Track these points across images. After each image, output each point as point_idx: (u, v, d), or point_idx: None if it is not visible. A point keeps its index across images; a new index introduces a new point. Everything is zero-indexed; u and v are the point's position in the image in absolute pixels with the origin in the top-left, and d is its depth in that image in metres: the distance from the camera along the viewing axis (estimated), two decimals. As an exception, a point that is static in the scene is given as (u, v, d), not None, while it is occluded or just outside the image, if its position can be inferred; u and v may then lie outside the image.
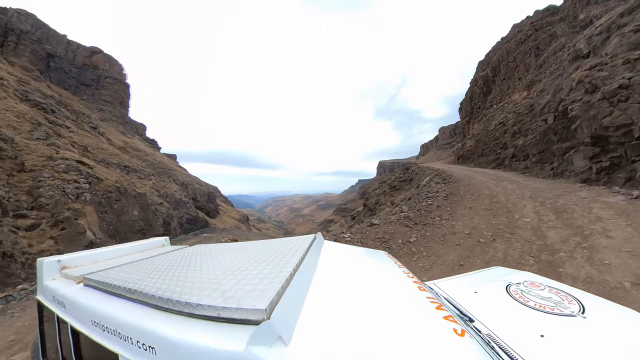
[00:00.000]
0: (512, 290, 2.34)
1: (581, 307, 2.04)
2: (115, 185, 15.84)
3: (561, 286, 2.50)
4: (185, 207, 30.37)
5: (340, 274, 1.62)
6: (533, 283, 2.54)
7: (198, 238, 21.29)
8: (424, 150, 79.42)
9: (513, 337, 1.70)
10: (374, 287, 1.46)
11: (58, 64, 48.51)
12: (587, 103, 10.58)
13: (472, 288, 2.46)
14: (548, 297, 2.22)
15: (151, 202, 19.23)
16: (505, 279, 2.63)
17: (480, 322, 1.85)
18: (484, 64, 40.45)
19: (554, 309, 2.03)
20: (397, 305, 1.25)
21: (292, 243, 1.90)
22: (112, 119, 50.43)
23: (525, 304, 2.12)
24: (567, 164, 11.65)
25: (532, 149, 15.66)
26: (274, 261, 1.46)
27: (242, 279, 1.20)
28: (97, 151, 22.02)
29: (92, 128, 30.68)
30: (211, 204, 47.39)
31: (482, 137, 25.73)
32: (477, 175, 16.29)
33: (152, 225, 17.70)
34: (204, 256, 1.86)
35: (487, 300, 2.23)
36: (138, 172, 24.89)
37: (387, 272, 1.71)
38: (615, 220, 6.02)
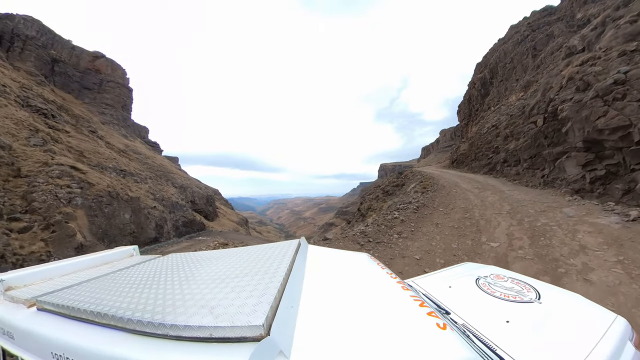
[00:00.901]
0: (480, 283, 2.58)
1: (538, 294, 2.31)
2: (107, 190, 16.26)
3: (521, 277, 2.76)
4: (181, 211, 30.76)
5: (327, 279, 1.61)
6: (498, 276, 2.79)
7: (191, 241, 21.64)
8: (425, 153, 79.17)
9: (483, 325, 1.90)
10: (361, 290, 1.49)
11: (62, 69, 49.59)
12: (578, 102, 9.40)
13: (446, 283, 2.67)
14: (511, 287, 2.48)
15: (144, 206, 19.62)
16: (474, 273, 2.87)
17: (455, 314, 2.05)
18: (481, 66, 40.22)
19: (516, 297, 2.28)
20: (385, 305, 1.29)
21: (278, 249, 1.83)
22: (114, 122, 51.33)
23: (492, 294, 2.35)
24: (558, 171, 10.60)
25: (524, 154, 14.72)
26: (261, 270, 1.39)
27: (230, 292, 1.12)
28: (94, 155, 22.54)
29: (91, 132, 31.33)
30: (210, 207, 47.85)
31: (475, 140, 25.00)
32: (463, 182, 15.68)
33: (143, 229, 18.04)
34: (181, 267, 1.69)
35: (460, 293, 2.45)
36: (134, 175, 25.37)
37: (371, 274, 1.75)
38: (602, 252, 4.90)
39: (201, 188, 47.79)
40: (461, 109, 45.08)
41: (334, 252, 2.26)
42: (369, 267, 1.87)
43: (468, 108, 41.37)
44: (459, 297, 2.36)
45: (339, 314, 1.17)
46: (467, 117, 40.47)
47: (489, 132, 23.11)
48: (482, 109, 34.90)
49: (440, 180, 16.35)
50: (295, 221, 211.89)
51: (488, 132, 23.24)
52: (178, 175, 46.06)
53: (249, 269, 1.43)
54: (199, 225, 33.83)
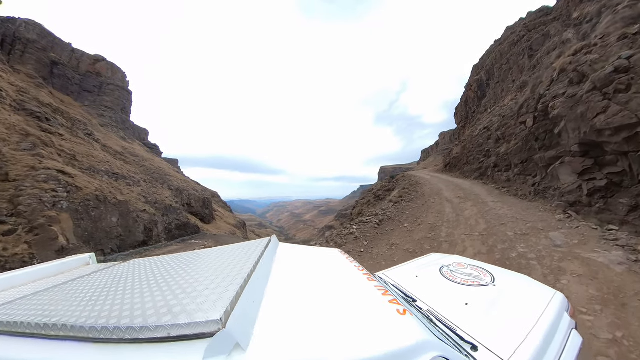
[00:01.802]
0: (444, 272, 2.82)
1: (492, 278, 2.58)
2: (95, 194, 16.33)
3: (479, 264, 3.05)
4: (175, 213, 30.80)
5: (295, 274, 1.66)
6: (460, 264, 3.05)
7: (181, 245, 21.64)
8: (425, 155, 78.97)
9: (446, 309, 2.08)
10: (327, 282, 1.56)
11: (62, 71, 50.11)
12: (572, 97, 8.04)
13: (414, 273, 2.88)
14: (470, 273, 2.73)
15: (133, 209, 19.67)
16: (439, 263, 3.10)
17: (421, 301, 2.22)
18: (478, 68, 39.90)
19: (474, 282, 2.52)
20: (350, 295, 1.37)
21: (247, 248, 1.85)
22: (113, 124, 51.72)
23: (454, 281, 2.59)
24: (551, 179, 9.36)
25: (514, 158, 13.42)
26: (227, 268, 1.36)
27: (192, 292, 1.09)
28: (86, 159, 22.67)
29: (87, 135, 31.54)
30: (206, 209, 47.91)
31: (467, 143, 23.96)
32: (447, 189, 14.49)
33: (131, 232, 18.07)
34: (143, 272, 1.62)
35: (426, 282, 2.65)
36: (127, 178, 25.46)
37: (339, 268, 1.83)
38: (593, 316, 3.29)
39: (198, 191, 47.88)
40: (458, 111, 44.73)
41: (306, 249, 2.37)
42: (338, 262, 1.96)
43: (465, 110, 40.99)
44: (425, 285, 2.56)
45: (303, 305, 1.20)
46: (464, 119, 40.13)
47: (480, 134, 22.06)
48: (478, 110, 34.59)
49: (424, 187, 15.66)
50: (295, 224, 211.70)
51: (480, 134, 22.20)
52: (175, 178, 46.22)
53: (215, 268, 1.40)
54: (193, 228, 33.84)
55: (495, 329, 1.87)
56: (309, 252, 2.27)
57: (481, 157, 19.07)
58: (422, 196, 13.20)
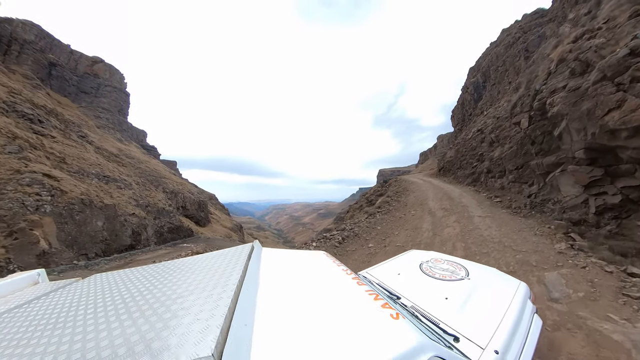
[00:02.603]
0: (423, 268, 2.91)
1: (467, 272, 2.71)
2: (80, 197, 16.11)
3: (454, 259, 3.19)
4: (168, 217, 30.54)
5: (285, 283, 1.59)
6: (437, 259, 3.18)
7: (171, 249, 21.32)
8: (423, 158, 78.92)
9: (428, 304, 2.16)
10: (320, 291, 1.52)
11: (59, 72, 50.14)
12: (575, 91, 6.59)
13: (396, 271, 2.96)
14: (447, 268, 2.86)
15: (121, 213, 19.43)
16: (418, 260, 3.20)
17: (405, 298, 2.29)
18: (474, 70, 39.81)
19: (451, 276, 2.64)
20: (344, 303, 1.35)
21: (228, 257, 1.69)
22: (109, 125, 51.66)
23: (433, 276, 2.68)
24: (550, 189, 7.93)
25: (509, 164, 12.35)
26: (209, 284, 1.21)
27: (171, 318, 0.93)
28: (77, 161, 22.46)
29: (80, 137, 31.38)
30: (201, 212, 47.62)
31: (461, 147, 23.15)
32: (433, 198, 13.13)
33: (118, 236, 17.82)
34: (108, 292, 1.35)
35: (408, 279, 2.74)
36: (119, 181, 25.23)
37: (329, 273, 1.81)
38: None
39: (193, 193, 47.63)
40: (455, 114, 44.50)
41: (291, 253, 2.31)
42: (325, 266, 1.96)
43: (462, 113, 40.79)
44: (407, 282, 2.64)
45: (298, 320, 1.16)
46: (461, 122, 39.92)
47: (474, 137, 21.06)
48: (474, 113, 34.40)
49: (410, 195, 14.73)
50: (294, 226, 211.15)
51: (473, 137, 21.26)
52: (170, 180, 45.99)
53: (194, 285, 1.25)
54: (186, 231, 33.57)
55: (473, 319, 2.00)
56: (295, 257, 2.22)
57: (474, 162, 18.19)
58: (404, 206, 12.27)
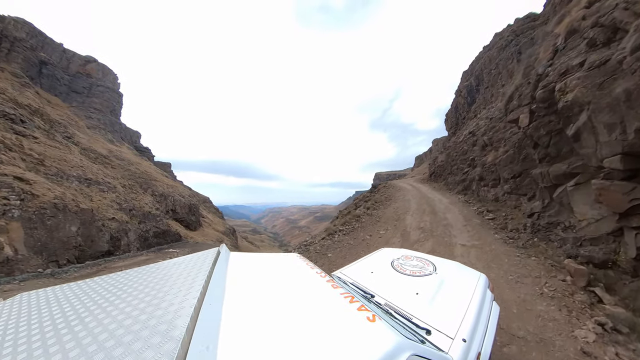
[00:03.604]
0: (395, 265, 3.02)
1: (434, 267, 2.85)
2: (53, 202, 15.42)
3: (423, 255, 3.32)
4: (154, 221, 29.76)
5: (255, 290, 1.52)
6: (407, 256, 3.27)
7: (153, 255, 20.56)
8: (419, 162, 79.12)
9: (401, 300, 2.23)
10: (294, 296, 1.49)
11: (50, 71, 49.44)
12: (600, 68, 4.59)
13: (369, 269, 3.05)
14: (416, 264, 2.99)
15: (99, 217, 18.70)
16: (389, 257, 3.31)
17: (379, 296, 2.34)
18: (467, 74, 39.65)
19: (420, 272, 2.75)
20: (319, 308, 1.34)
21: (191, 265, 1.60)
22: (101, 126, 50.86)
23: (404, 273, 2.80)
24: (559, 209, 5.79)
25: (504, 171, 10.86)
26: (167, 295, 1.13)
27: (125, 335, 0.85)
28: (57, 163, 21.73)
29: (65, 138, 30.63)
30: (192, 216, 46.73)
31: (452, 150, 21.66)
32: (416, 211, 11.39)
33: (94, 242, 17.09)
34: (36, 318, 1.16)
35: (380, 277, 2.82)
36: (101, 184, 24.48)
37: (302, 276, 1.81)
38: None
39: (184, 196, 46.80)
40: (449, 117, 44.45)
41: (262, 257, 2.26)
42: (298, 269, 1.95)
43: (455, 117, 40.56)
44: (380, 280, 2.73)
45: (271, 329, 1.11)
46: (455, 125, 39.79)
47: (465, 140, 19.58)
48: (468, 117, 34.31)
49: (390, 206, 13.51)
50: (290, 230, 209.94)
51: (464, 140, 19.71)
52: (161, 183, 45.18)
53: (147, 301, 1.13)
54: (173, 235, 32.73)
55: (442, 312, 2.11)
56: (266, 260, 2.15)
57: (465, 167, 17.02)
58: (375, 223, 10.56)
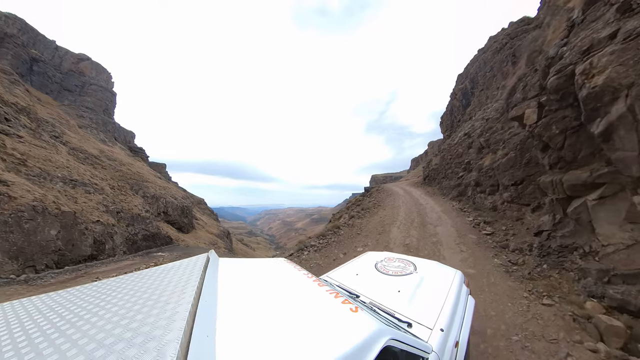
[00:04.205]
0: (378, 267, 3.29)
1: (415, 267, 3.26)
2: (32, 204, 14.73)
3: (404, 256, 3.57)
4: (143, 223, 28.98)
5: (246, 291, 1.56)
6: (390, 258, 3.50)
7: (138, 259, 19.85)
8: (415, 164, 79.40)
9: (384, 298, 2.58)
10: (282, 294, 1.62)
11: (42, 69, 48.48)
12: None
13: (354, 272, 3.23)
14: (398, 265, 3.32)
15: (82, 220, 17.98)
16: (373, 260, 3.49)
17: (364, 296, 2.65)
18: (462, 77, 39.90)
19: (402, 272, 3.13)
20: (307, 304, 1.49)
21: (182, 270, 1.59)
22: (92, 126, 49.86)
23: (387, 273, 3.13)
24: (575, 228, 4.76)
25: (503, 176, 9.68)
26: (160, 301, 1.10)
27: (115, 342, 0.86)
28: (41, 163, 20.98)
29: (53, 137, 29.81)
30: (185, 218, 45.83)
31: (446, 153, 20.75)
32: (403, 222, 10.28)
33: (75, 246, 16.36)
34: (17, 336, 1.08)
35: (365, 278, 3.07)
36: (88, 185, 23.72)
37: (290, 278, 1.94)
38: None
39: (177, 198, 45.91)
40: (444, 120, 44.61)
41: (250, 262, 2.31)
42: (286, 272, 2.10)
43: (450, 119, 40.69)
44: (365, 281, 3.00)
45: (263, 323, 1.22)
46: (450, 128, 39.89)
47: (460, 142, 18.50)
48: (463, 119, 34.41)
49: (377, 214, 12.52)
50: (287, 232, 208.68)
51: (459, 142, 18.63)
52: (153, 184, 44.28)
53: (136, 309, 1.08)
54: (164, 238, 31.92)
55: (421, 306, 2.43)
56: (254, 265, 2.19)
57: (460, 171, 16.12)
58: (355, 236, 9.13)
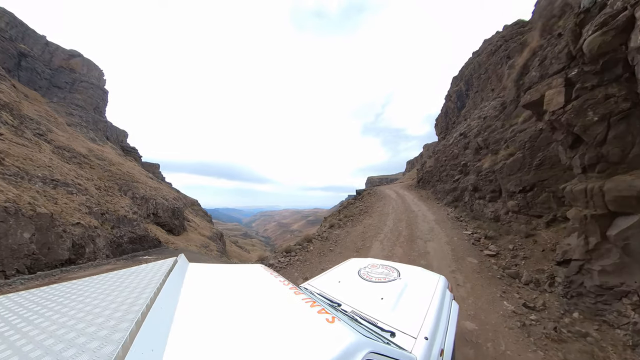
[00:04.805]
0: (362, 274, 3.34)
1: (398, 273, 3.25)
2: (3, 205, 13.79)
3: (388, 263, 3.73)
4: (130, 225, 27.94)
5: (215, 299, 1.51)
6: (373, 265, 3.67)
7: (120, 263, 18.90)
8: (410, 166, 79.69)
9: (367, 306, 2.47)
10: (254, 303, 1.52)
11: (30, 64, 47.15)
12: None
13: (336, 279, 3.27)
14: (381, 272, 3.37)
15: (60, 223, 17.01)
16: (357, 266, 3.63)
17: (345, 304, 2.53)
18: (457, 79, 40.10)
19: (385, 278, 3.11)
20: (279, 312, 1.40)
21: (142, 275, 1.53)
22: (82, 124, 48.56)
23: (370, 280, 3.11)
24: (622, 260, 3.79)
25: (509, 181, 8.09)
26: (112, 304, 1.11)
27: (56, 344, 0.89)
28: (20, 162, 19.96)
29: (37, 135, 28.68)
30: (176, 220, 44.69)
31: (441, 155, 19.42)
32: (388, 235, 9.24)
33: (51, 250, 15.40)
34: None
35: (348, 285, 3.06)
36: (70, 186, 22.69)
37: (264, 285, 1.83)
38: None
39: (168, 199, 44.78)
40: (439, 122, 44.76)
41: (224, 268, 2.27)
42: (262, 278, 2.01)
43: (445, 121, 40.66)
44: (347, 289, 2.94)
45: (228, 334, 1.13)
46: (445, 130, 39.86)
47: (455, 142, 16.96)
48: (457, 121, 34.35)
49: (360, 223, 11.63)
50: (282, 234, 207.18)
51: (455, 142, 17.13)
52: (144, 185, 43.13)
53: (87, 310, 1.10)
54: (152, 241, 30.85)
55: (405, 314, 2.32)
56: (228, 271, 2.15)
57: (456, 174, 14.73)
58: (328, 251, 7.92)
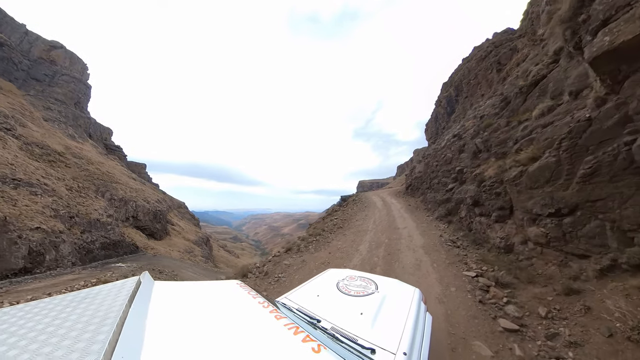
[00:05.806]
0: (340, 286, 3.18)
1: (376, 286, 3.14)
2: (-61, 209, 11.92)
3: (366, 275, 3.59)
4: (103, 229, 25.78)
5: (184, 323, 1.34)
6: (352, 277, 3.48)
7: (85, 273, 16.83)
8: (400, 171, 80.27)
9: (346, 322, 2.34)
10: (231, 329, 1.37)
11: (6, 53, 44.32)
12: None
13: (315, 293, 3.10)
14: (360, 284, 3.21)
15: (15, 228, 15.05)
16: (335, 278, 3.46)
17: (325, 320, 2.41)
18: (447, 85, 40.24)
19: (364, 292, 2.98)
20: (258, 342, 1.26)
21: (98, 300, 1.27)
22: (61, 119, 45.83)
23: (349, 294, 2.96)
24: None
25: (530, 200, 5.90)
26: (60, 346, 0.97)
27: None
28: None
29: (4, 129, 26.38)
30: (158, 223, 42.34)
31: (431, 159, 16.85)
32: (367, 259, 7.65)
33: (3, 257, 13.48)
34: None
35: (326, 299, 2.89)
36: (35, 186, 20.59)
37: (241, 307, 1.68)
38: None
39: (149, 202, 42.44)
40: (429, 127, 45.05)
41: (195, 286, 2.04)
42: (238, 298, 1.84)
43: (435, 127, 40.75)
44: (326, 304, 2.78)
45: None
46: (435, 135, 39.92)
47: (448, 145, 14.48)
48: (447, 126, 34.26)
49: (334, 240, 10.26)
50: (273, 237, 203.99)
51: (447, 145, 14.65)
52: (124, 186, 40.75)
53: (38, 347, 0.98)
54: (128, 247, 28.67)
55: (384, 329, 2.23)
56: (200, 290, 1.98)
57: (449, 182, 11.65)
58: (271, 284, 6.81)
